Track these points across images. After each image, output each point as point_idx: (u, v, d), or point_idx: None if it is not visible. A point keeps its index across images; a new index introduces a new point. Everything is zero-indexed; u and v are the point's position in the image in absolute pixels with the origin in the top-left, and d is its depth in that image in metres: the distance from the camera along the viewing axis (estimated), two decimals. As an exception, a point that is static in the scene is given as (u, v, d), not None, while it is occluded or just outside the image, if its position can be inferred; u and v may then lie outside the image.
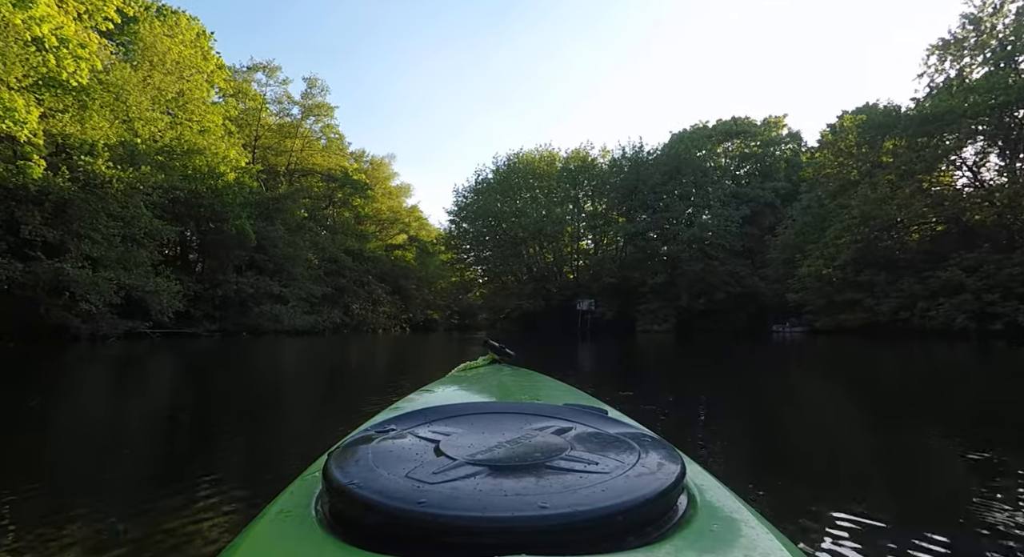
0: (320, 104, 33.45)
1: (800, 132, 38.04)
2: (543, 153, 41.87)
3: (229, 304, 25.68)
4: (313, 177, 35.98)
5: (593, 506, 0.45)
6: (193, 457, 2.76)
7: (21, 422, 3.67)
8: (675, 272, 34.83)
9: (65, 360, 9.71)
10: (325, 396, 5.13)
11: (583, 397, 1.23)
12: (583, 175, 39.33)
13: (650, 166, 36.69)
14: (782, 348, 16.14)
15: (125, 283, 17.01)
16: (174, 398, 5.27)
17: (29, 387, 6.02)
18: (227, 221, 24.11)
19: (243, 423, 3.74)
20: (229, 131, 26.21)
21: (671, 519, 0.50)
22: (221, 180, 24.13)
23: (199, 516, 1.76)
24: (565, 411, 0.78)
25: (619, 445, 0.61)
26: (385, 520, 0.45)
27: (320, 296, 31.04)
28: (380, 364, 9.98)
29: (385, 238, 44.88)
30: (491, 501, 0.45)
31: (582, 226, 39.60)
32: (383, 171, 45.80)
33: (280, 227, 27.56)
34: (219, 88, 27.36)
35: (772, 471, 2.52)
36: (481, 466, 0.54)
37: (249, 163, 27.36)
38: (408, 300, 44.94)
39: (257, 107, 32.62)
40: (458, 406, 0.80)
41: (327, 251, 33.53)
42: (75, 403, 4.66)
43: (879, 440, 3.28)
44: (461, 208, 41.78)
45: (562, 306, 38.59)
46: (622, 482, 0.50)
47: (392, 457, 0.56)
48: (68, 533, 1.62)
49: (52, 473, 2.44)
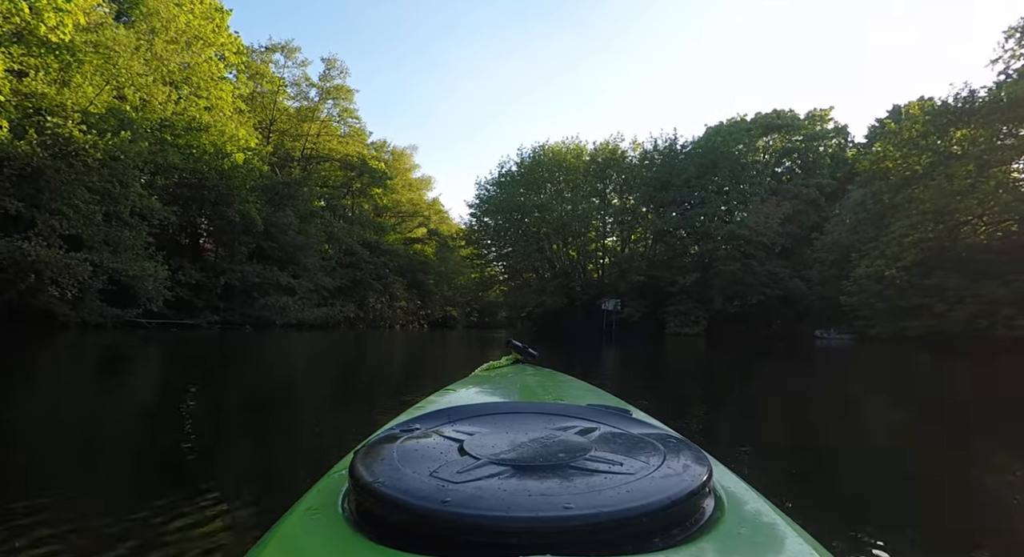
0: (339, 87, 31.37)
1: (847, 126, 34.60)
2: (570, 145, 39.17)
3: (233, 294, 23.65)
4: (330, 164, 33.92)
5: (618, 507, 0.44)
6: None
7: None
8: (709, 272, 31.84)
9: (31, 350, 8.73)
10: (304, 415, 3.85)
11: (607, 397, 1.22)
12: (611, 168, 36.49)
13: (684, 160, 33.71)
14: (831, 356, 14.13)
15: (106, 266, 14.94)
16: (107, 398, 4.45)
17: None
18: (232, 205, 22.06)
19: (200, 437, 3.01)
20: (239, 110, 24.20)
21: (698, 521, 0.48)
22: (228, 161, 22.09)
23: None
24: (589, 411, 0.76)
25: (644, 446, 0.59)
26: (410, 519, 0.44)
27: (333, 288, 28.92)
28: (395, 368, 8.39)
29: (404, 231, 42.74)
30: (515, 501, 0.44)
31: (609, 222, 36.78)
32: (404, 162, 43.68)
33: (291, 214, 25.46)
34: (234, 67, 25.36)
35: (848, 510, 1.97)
36: (505, 466, 0.53)
37: (260, 145, 25.30)
38: (426, 296, 42.71)
39: (274, 89, 30.68)
40: (481, 406, 0.79)
41: (342, 242, 31.43)
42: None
43: (965, 472, 2.66)
44: (483, 201, 39.31)
45: (586, 305, 35.87)
46: (647, 483, 0.49)
47: (417, 456, 0.56)
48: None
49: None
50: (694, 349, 15.48)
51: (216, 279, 22.66)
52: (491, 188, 39.64)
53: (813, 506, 2.01)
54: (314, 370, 7.64)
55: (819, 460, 2.92)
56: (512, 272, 42.46)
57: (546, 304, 35.20)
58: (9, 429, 3.08)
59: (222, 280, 22.64)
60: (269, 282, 24.16)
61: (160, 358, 8.38)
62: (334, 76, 30.87)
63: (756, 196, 31.30)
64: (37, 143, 12.91)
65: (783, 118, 35.08)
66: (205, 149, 21.35)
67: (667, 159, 34.59)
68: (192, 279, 21.88)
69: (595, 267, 38.39)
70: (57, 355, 8.31)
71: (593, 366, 8.56)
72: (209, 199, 22.01)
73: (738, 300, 33.54)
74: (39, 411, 3.66)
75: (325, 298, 28.29)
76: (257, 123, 30.39)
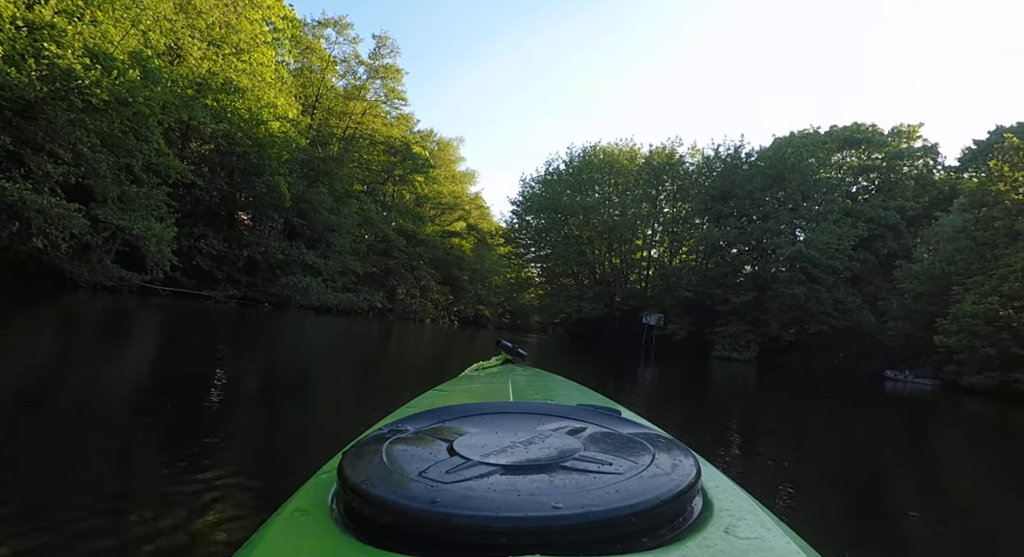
0: (388, 66, 29.49)
1: (938, 145, 30.44)
2: (623, 147, 36.28)
3: (256, 269, 21.89)
4: (373, 147, 32.09)
5: (607, 507, 0.43)
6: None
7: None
8: (767, 293, 28.32)
9: (22, 309, 7.91)
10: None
11: (596, 397, 1.20)
12: (667, 174, 33.37)
13: (749, 170, 30.29)
14: (908, 403, 11.98)
15: (109, 222, 13.12)
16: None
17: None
18: (262, 176, 20.26)
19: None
20: (281, 78, 22.48)
21: (686, 521, 0.48)
22: (263, 128, 20.31)
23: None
24: (578, 411, 0.74)
25: (633, 446, 0.58)
26: (399, 519, 0.44)
27: (362, 274, 26.94)
28: (409, 367, 7.27)
29: (443, 223, 40.68)
30: (504, 501, 0.44)
31: (659, 230, 33.60)
32: (450, 153, 41.69)
33: (325, 192, 23.56)
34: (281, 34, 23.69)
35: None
36: (494, 466, 0.52)
37: (299, 117, 23.53)
38: (459, 292, 40.55)
39: (323, 66, 29.05)
40: (471, 406, 0.76)
41: (377, 227, 29.50)
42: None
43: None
44: (527, 199, 36.78)
45: (624, 317, 32.82)
46: (636, 483, 0.48)
47: (406, 456, 0.55)
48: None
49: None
50: (744, 377, 13.57)
51: (239, 252, 20.91)
52: (536, 186, 37.10)
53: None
54: (319, 360, 6.56)
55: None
56: (549, 276, 39.80)
57: (583, 310, 32.32)
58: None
59: (245, 253, 20.86)
60: (294, 260, 22.30)
61: (160, 329, 7.41)
62: (384, 54, 29.07)
63: (828, 216, 27.63)
64: (36, 75, 11.11)
65: (863, 133, 31.24)
66: (240, 113, 19.62)
67: (730, 168, 31.24)
68: (214, 249, 20.18)
69: (638, 278, 35.26)
70: (42, 317, 7.34)
71: (628, 385, 7.27)
72: (239, 167, 20.26)
73: (795, 328, 29.88)
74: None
75: (353, 284, 26.34)
76: (302, 98, 28.86)
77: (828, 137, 31.48)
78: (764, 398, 8.92)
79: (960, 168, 30.39)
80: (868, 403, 10.58)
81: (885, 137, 31.15)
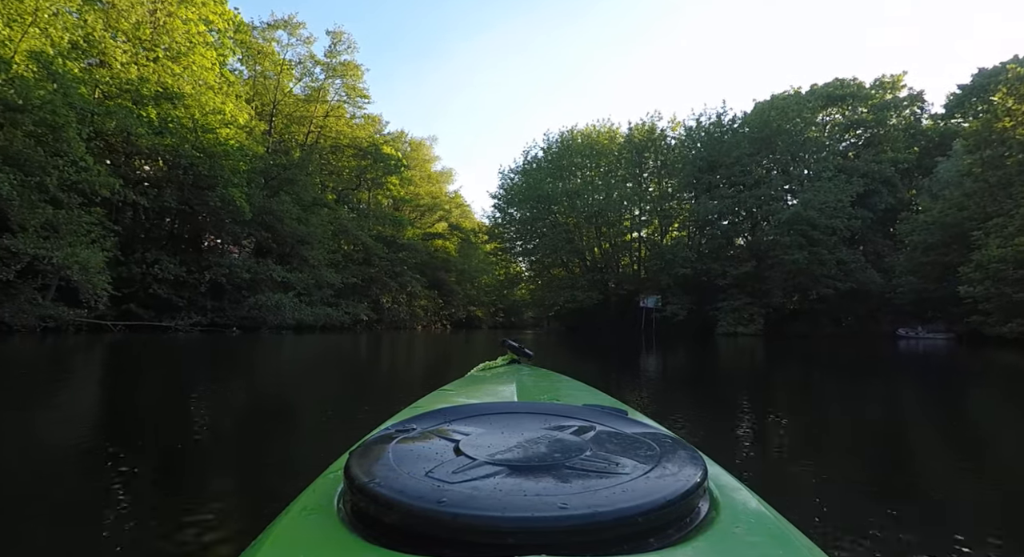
0: (347, 64, 27.33)
1: (924, 93, 28.99)
2: (601, 128, 34.51)
3: (222, 292, 19.79)
4: (340, 152, 29.98)
5: (613, 507, 0.43)
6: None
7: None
8: (767, 262, 26.71)
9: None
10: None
11: (603, 397, 1.19)
12: (649, 150, 31.66)
13: (735, 137, 28.65)
14: (931, 360, 10.63)
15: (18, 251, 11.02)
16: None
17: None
18: (214, 189, 18.16)
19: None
20: (227, 81, 20.36)
21: (693, 521, 0.47)
22: (210, 136, 18.21)
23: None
24: (585, 411, 0.73)
25: (639, 446, 0.58)
26: (406, 519, 0.43)
27: (340, 286, 24.89)
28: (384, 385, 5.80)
29: (424, 226, 38.65)
30: (511, 501, 0.43)
31: (647, 209, 31.88)
32: (423, 153, 39.66)
33: (289, 201, 21.49)
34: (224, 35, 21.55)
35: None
36: (501, 466, 0.51)
37: (252, 122, 21.42)
38: (448, 295, 38.57)
39: (277, 71, 26.90)
40: (477, 406, 0.76)
41: (353, 236, 27.43)
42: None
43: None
44: (507, 191, 34.94)
45: (621, 303, 31.10)
46: (643, 483, 0.47)
47: (412, 456, 0.54)
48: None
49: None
50: (752, 352, 12.32)
51: (200, 275, 18.78)
52: (516, 177, 35.26)
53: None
54: (289, 384, 5.46)
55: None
56: (539, 269, 38.01)
57: (577, 299, 30.53)
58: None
59: (207, 276, 18.74)
60: (262, 278, 20.21)
61: (90, 369, 6.40)
62: (340, 51, 26.92)
63: (823, 174, 26.05)
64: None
65: (846, 87, 29.76)
66: (182, 122, 17.52)
67: (713, 137, 29.58)
68: (170, 275, 18.05)
69: (631, 261, 33.54)
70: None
71: (629, 378, 6.26)
72: (186, 181, 18.14)
73: (798, 294, 28.35)
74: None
75: (332, 297, 24.28)
76: (259, 107, 26.71)
77: (811, 96, 29.99)
78: (776, 373, 7.92)
79: (947, 115, 29.03)
80: (887, 366, 9.36)
81: (868, 90, 29.70)
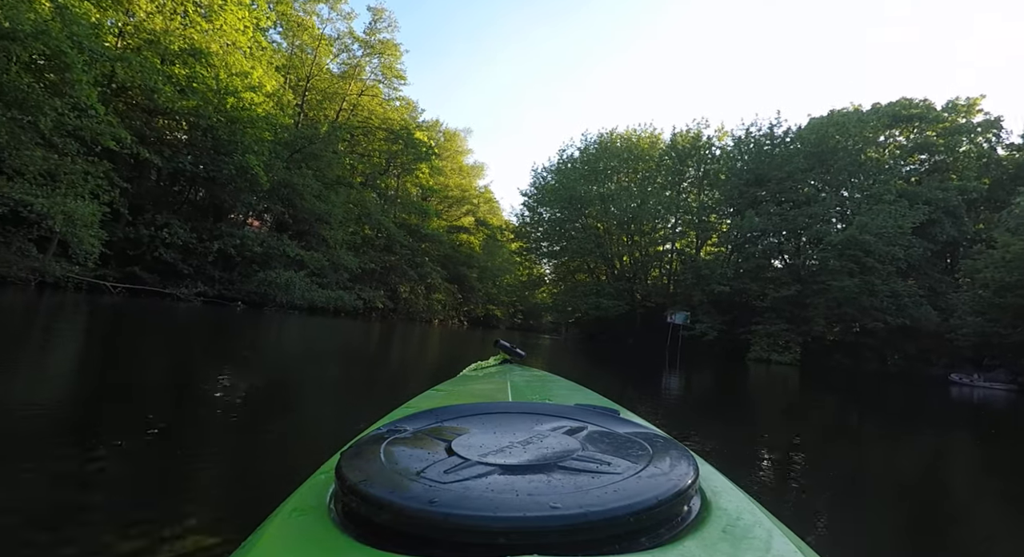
0: (385, 42, 26.13)
1: (1001, 119, 26.27)
2: (642, 134, 32.60)
3: (230, 263, 18.67)
4: (372, 135, 28.80)
5: (605, 507, 0.42)
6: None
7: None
8: (811, 286, 24.44)
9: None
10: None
11: (594, 397, 1.17)
12: (692, 158, 29.61)
13: (787, 151, 26.44)
14: (994, 412, 9.28)
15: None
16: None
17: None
18: (232, 155, 17.04)
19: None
20: (260, 46, 19.27)
21: (684, 520, 0.47)
22: (232, 99, 17.10)
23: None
24: (576, 411, 0.72)
25: (631, 445, 0.57)
26: (397, 519, 0.43)
27: (358, 270, 23.64)
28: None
29: (450, 219, 37.30)
30: (503, 501, 0.43)
31: (684, 220, 29.81)
32: (456, 145, 38.34)
33: (310, 176, 20.28)
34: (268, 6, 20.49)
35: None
36: (492, 466, 0.51)
37: (280, 90, 20.29)
38: (468, 291, 37.16)
39: (315, 46, 25.86)
40: (469, 406, 0.74)
41: (376, 220, 26.19)
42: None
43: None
44: (539, 190, 33.29)
45: (646, 316, 29.11)
46: (634, 483, 0.47)
47: (404, 456, 0.54)
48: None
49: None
50: (787, 384, 11.23)
51: (208, 244, 17.67)
52: (549, 176, 33.58)
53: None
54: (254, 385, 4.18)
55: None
56: (563, 272, 36.24)
57: (602, 307, 28.65)
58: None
59: (215, 246, 17.62)
60: (275, 253, 19.02)
61: (51, 332, 5.61)
62: (380, 29, 25.72)
63: (884, 197, 23.67)
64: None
65: (915, 108, 27.21)
66: (206, 81, 16.43)
67: (764, 150, 27.41)
68: (179, 240, 16.96)
69: (661, 273, 31.50)
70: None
71: (650, 396, 5.62)
72: (204, 145, 17.03)
73: (840, 325, 25.92)
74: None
75: (347, 281, 23.05)
76: (293, 82, 25.71)
77: (873, 115, 27.49)
78: (818, 410, 7.01)
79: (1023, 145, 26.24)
80: (944, 414, 8.26)
81: (939, 112, 27.08)
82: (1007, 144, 26.62)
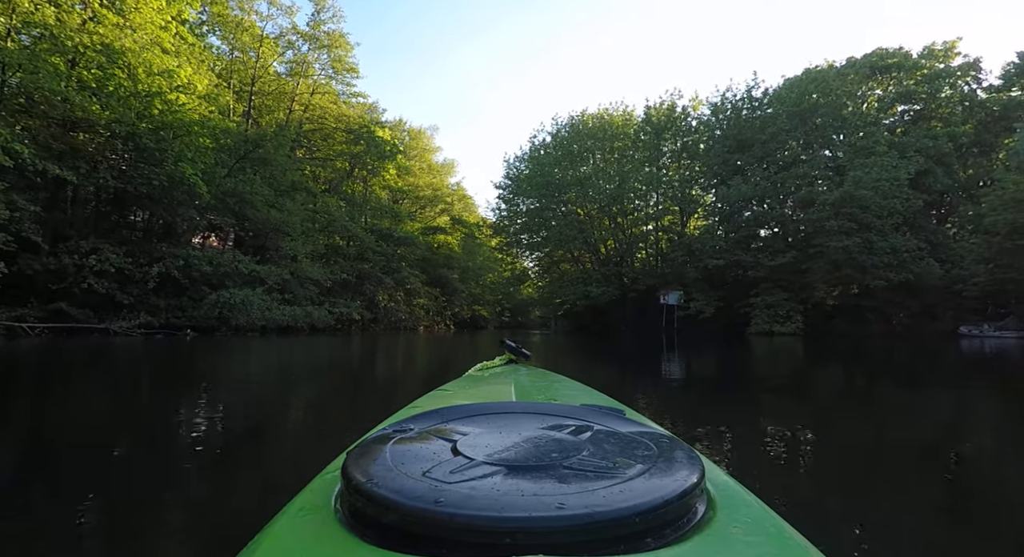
0: (332, 34, 23.95)
1: (981, 60, 25.08)
2: (614, 112, 30.91)
3: (178, 288, 16.41)
4: (330, 139, 26.58)
5: (611, 507, 0.42)
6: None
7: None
8: (808, 251, 22.99)
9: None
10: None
11: (600, 397, 1.16)
12: (668, 131, 27.99)
13: (769, 112, 24.93)
14: (1005, 362, 8.19)
15: None
16: None
17: None
18: (162, 165, 14.82)
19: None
20: (186, 41, 17.01)
21: (690, 521, 0.46)
22: (158, 101, 14.88)
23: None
24: (582, 411, 0.72)
25: (637, 446, 0.57)
26: (403, 519, 0.43)
27: (328, 282, 21.50)
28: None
29: (424, 220, 35.22)
30: (508, 501, 0.43)
31: (666, 196, 28.19)
32: (423, 143, 36.29)
33: (258, 181, 18.09)
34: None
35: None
36: (498, 466, 0.50)
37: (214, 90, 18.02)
38: (452, 293, 35.10)
39: (257, 46, 23.58)
40: (475, 406, 0.74)
41: (342, 226, 24.05)
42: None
43: None
44: (513, 180, 31.44)
45: (638, 300, 27.45)
46: (640, 483, 0.47)
47: (410, 456, 0.53)
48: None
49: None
50: (793, 355, 10.12)
51: (147, 268, 15.40)
52: (522, 165, 31.76)
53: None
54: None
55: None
56: (547, 264, 34.45)
57: (591, 296, 26.90)
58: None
59: (154, 269, 15.36)
60: (226, 270, 16.82)
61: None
62: (325, 20, 23.54)
63: (876, 150, 22.25)
64: None
65: (892, 57, 25.90)
66: (120, 82, 14.19)
67: (742, 115, 25.87)
68: (111, 266, 14.68)
69: (649, 253, 29.86)
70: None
71: (647, 385, 5.17)
72: (129, 156, 14.77)
73: (839, 288, 24.55)
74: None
75: (316, 294, 20.89)
76: (236, 87, 23.42)
77: (851, 68, 26.17)
78: (830, 382, 6.16)
79: (1004, 86, 25.11)
80: (968, 370, 7.31)
81: (916, 60, 25.84)
82: (987, 86, 25.47)
